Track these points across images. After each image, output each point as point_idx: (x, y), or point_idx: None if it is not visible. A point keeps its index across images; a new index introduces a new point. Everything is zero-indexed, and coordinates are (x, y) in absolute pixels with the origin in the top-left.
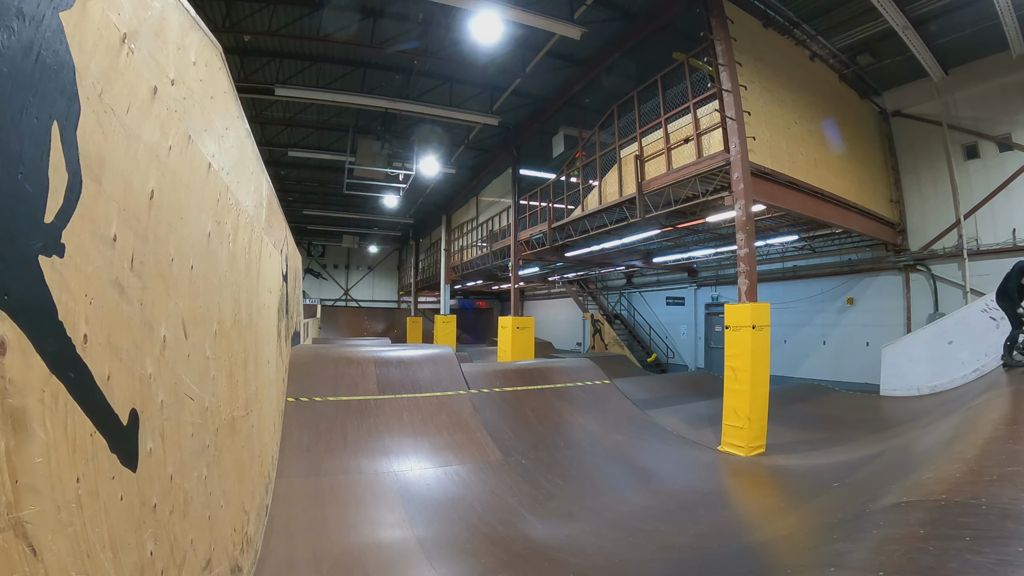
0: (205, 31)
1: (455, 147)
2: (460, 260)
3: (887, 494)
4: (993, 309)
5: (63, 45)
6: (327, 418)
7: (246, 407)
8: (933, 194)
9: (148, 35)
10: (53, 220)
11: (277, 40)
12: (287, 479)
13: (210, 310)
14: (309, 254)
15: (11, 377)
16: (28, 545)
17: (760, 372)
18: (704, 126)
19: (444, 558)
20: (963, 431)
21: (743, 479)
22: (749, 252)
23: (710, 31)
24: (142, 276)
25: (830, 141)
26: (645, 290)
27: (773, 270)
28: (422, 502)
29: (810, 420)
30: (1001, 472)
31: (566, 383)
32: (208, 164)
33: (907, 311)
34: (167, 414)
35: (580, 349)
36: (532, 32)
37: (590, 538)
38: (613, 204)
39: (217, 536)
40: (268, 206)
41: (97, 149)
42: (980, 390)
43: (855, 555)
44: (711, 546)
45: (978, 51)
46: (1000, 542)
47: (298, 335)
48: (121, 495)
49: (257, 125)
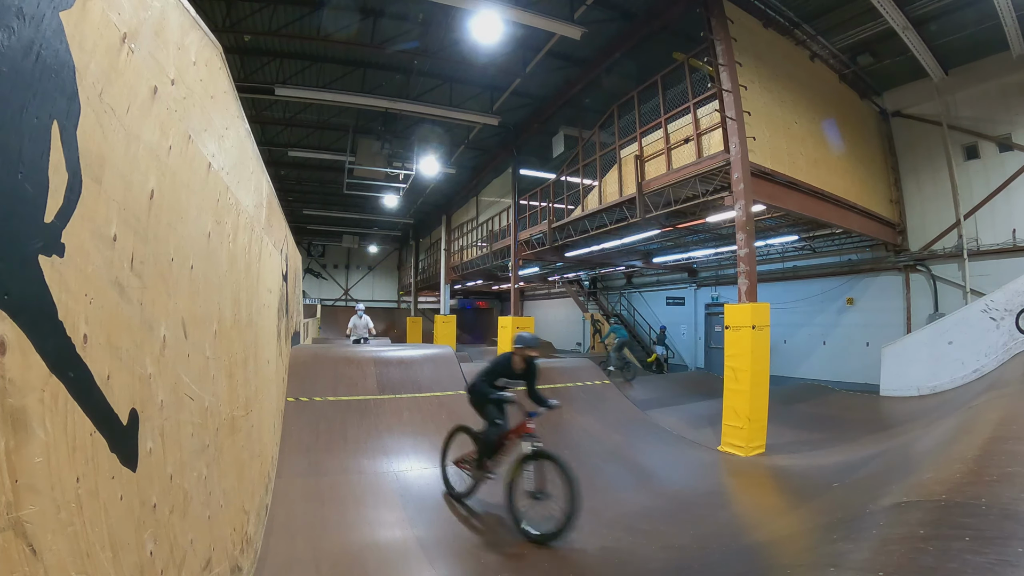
0: (205, 31)
1: (455, 147)
2: (460, 260)
3: (887, 494)
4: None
5: (63, 45)
6: (327, 418)
7: (246, 407)
8: (933, 194)
9: (148, 35)
10: (53, 220)
11: (277, 40)
12: (287, 479)
13: (210, 310)
14: (309, 254)
15: (11, 377)
16: (28, 545)
17: (760, 372)
18: (704, 126)
19: (444, 558)
20: (963, 431)
21: (743, 479)
22: (749, 252)
23: (710, 31)
24: (142, 276)
25: (830, 141)
26: (645, 290)
27: (773, 270)
28: (422, 502)
29: (810, 420)
30: (1001, 472)
31: (566, 383)
32: (208, 164)
33: (907, 311)
34: (167, 414)
35: (580, 349)
36: (532, 32)
37: (590, 538)
38: (613, 204)
39: (217, 536)
40: (268, 206)
41: (97, 149)
42: (980, 390)
43: (855, 555)
44: (711, 546)
45: (978, 51)
46: (1000, 542)
47: (298, 335)
48: (121, 495)
49: (257, 125)
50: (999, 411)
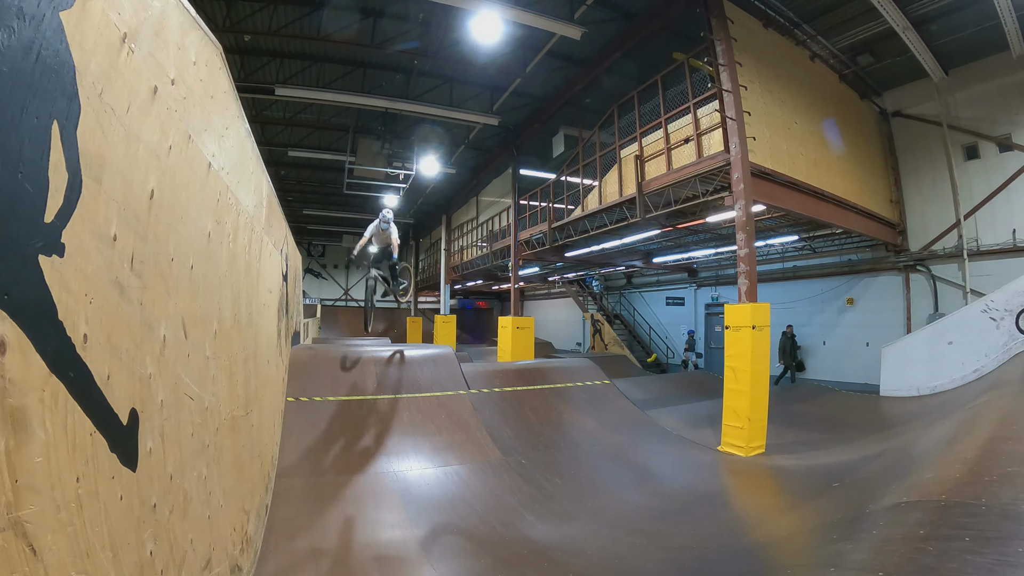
0: (205, 31)
1: (455, 147)
2: (460, 260)
3: (887, 494)
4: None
5: (63, 45)
6: (327, 418)
7: (246, 407)
8: (933, 194)
9: (148, 35)
10: (53, 220)
11: (277, 40)
12: (287, 478)
13: (210, 310)
14: (309, 254)
15: (11, 377)
16: (28, 544)
17: (760, 372)
18: (704, 126)
19: (444, 558)
20: (963, 431)
21: (743, 479)
22: (749, 252)
23: (710, 31)
24: (142, 276)
25: (830, 141)
26: (645, 290)
27: (773, 270)
28: (422, 502)
29: (810, 420)
30: (1001, 472)
31: (566, 383)
32: (208, 164)
33: (907, 311)
34: (167, 414)
35: (580, 349)
36: (532, 32)
37: (590, 538)
38: (613, 204)
39: (217, 536)
40: (268, 206)
41: (97, 149)
42: (980, 390)
43: (855, 555)
44: (711, 546)
45: (978, 51)
46: (1000, 543)
47: (298, 335)
48: (121, 495)
49: (257, 125)
50: (999, 411)
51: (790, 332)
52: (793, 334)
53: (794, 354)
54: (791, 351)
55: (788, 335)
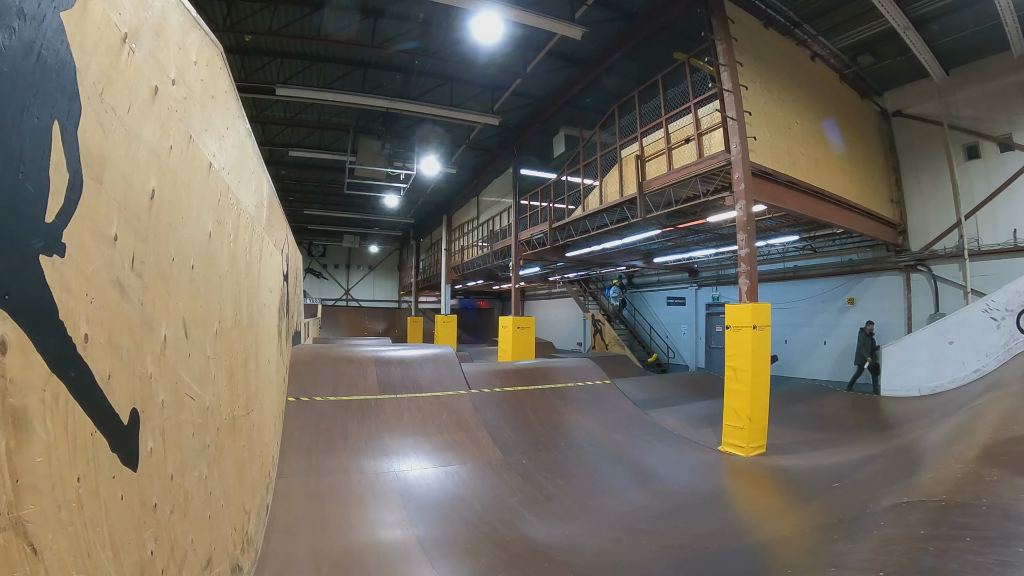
0: (206, 31)
1: (456, 147)
2: (461, 260)
3: (888, 494)
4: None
5: (64, 45)
6: (328, 418)
7: (246, 407)
8: (934, 194)
9: (149, 35)
10: (54, 220)
11: (278, 40)
12: (288, 479)
13: (211, 310)
14: (310, 254)
15: (12, 377)
16: (28, 544)
17: (761, 372)
18: (705, 126)
19: (444, 558)
20: (963, 431)
21: (743, 479)
22: (750, 252)
23: (711, 31)
24: (143, 276)
25: (831, 141)
26: (646, 290)
27: (774, 270)
28: (422, 502)
29: (810, 420)
30: (1001, 473)
31: (567, 383)
32: (209, 164)
33: (908, 311)
34: (168, 414)
35: (581, 349)
36: (533, 32)
37: (590, 538)
38: (614, 204)
39: (217, 535)
40: (269, 206)
41: (98, 149)
42: (981, 390)
43: (856, 555)
44: (711, 546)
45: (979, 51)
46: (1000, 543)
47: (299, 335)
48: (121, 494)
49: (258, 125)
50: (1000, 411)
51: (869, 329)
52: (872, 332)
53: (874, 354)
54: (871, 350)
55: (867, 332)
